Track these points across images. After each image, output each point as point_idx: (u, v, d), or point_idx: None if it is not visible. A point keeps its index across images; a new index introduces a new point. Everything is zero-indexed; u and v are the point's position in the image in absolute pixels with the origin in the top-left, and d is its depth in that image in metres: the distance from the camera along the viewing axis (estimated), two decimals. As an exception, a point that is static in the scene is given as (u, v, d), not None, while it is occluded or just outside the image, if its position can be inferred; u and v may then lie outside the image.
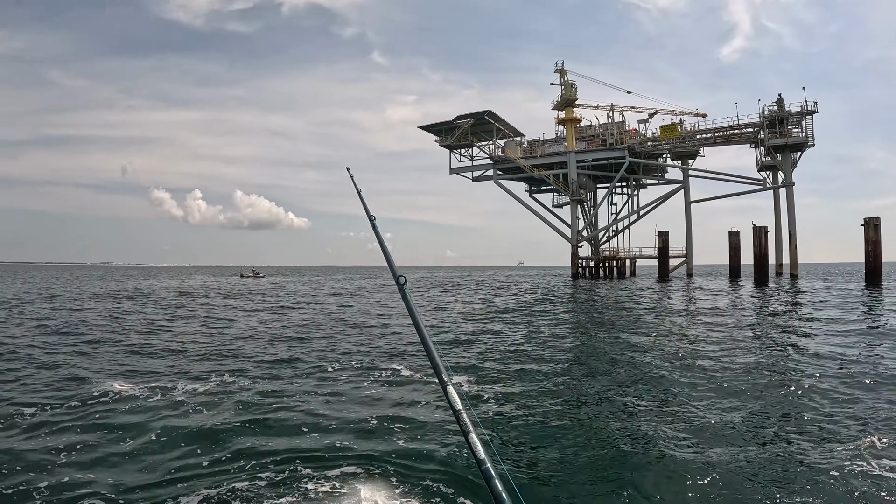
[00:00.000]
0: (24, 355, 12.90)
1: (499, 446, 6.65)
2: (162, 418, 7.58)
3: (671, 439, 6.73)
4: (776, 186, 56.32)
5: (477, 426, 1.82)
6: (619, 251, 66.77)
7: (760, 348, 14.01)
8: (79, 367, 11.43)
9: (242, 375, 10.65)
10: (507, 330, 18.63)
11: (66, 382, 9.94)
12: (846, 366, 11.19)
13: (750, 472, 5.70)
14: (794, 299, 30.11)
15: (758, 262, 50.22)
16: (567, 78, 62.21)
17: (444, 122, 65.53)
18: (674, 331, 17.64)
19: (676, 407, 8.29)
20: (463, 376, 10.45)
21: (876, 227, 41.35)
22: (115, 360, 12.50)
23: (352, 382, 10.15)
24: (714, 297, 32.70)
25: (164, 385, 9.59)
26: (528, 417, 7.85)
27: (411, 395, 9.09)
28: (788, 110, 53.21)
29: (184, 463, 6.04)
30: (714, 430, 7.16)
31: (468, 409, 1.82)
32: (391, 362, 12.00)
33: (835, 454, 6.12)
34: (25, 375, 10.67)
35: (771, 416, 7.85)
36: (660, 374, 10.61)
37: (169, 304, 29.69)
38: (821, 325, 18.33)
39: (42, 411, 8.02)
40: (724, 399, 8.70)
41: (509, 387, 9.77)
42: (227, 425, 7.26)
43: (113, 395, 8.89)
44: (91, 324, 19.90)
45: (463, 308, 27.48)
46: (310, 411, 8.09)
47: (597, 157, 61.98)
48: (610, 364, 12.06)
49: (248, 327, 19.42)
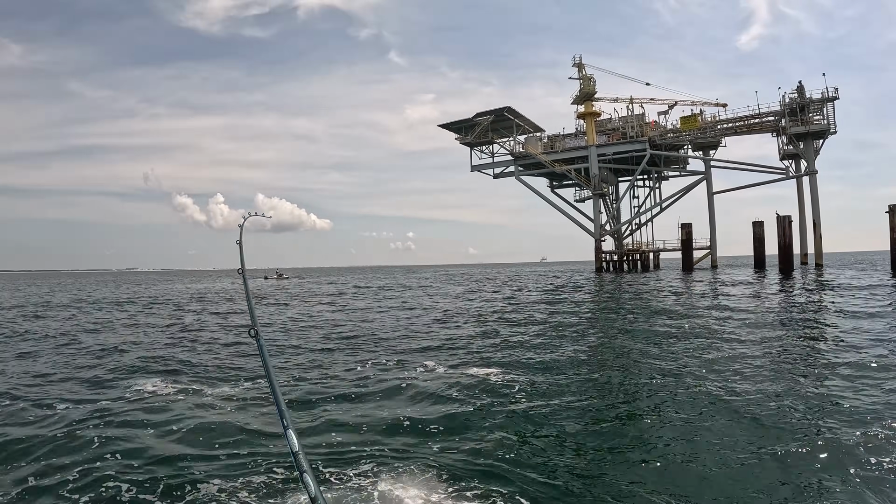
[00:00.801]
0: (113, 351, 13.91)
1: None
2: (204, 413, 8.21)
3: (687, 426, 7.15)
4: (799, 175, 56.10)
5: (312, 467, 2.13)
6: (642, 244, 66.94)
7: (785, 337, 14.22)
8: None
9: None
10: (536, 320, 19.34)
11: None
12: (871, 355, 11.41)
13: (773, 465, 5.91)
14: (820, 289, 30.25)
15: (782, 253, 50.15)
16: (585, 72, 62.39)
17: (463, 120, 65.99)
18: (698, 322, 17.82)
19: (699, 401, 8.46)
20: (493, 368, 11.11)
21: (901, 214, 41.18)
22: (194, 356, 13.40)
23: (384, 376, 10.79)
24: (738, 287, 32.92)
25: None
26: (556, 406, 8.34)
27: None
28: (809, 97, 52.88)
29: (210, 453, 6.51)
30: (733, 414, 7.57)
31: (304, 451, 2.04)
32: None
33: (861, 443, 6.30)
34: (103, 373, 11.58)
35: (796, 404, 8.13)
36: (685, 366, 10.91)
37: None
38: (845, 315, 18.43)
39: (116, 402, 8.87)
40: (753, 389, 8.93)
41: (537, 375, 10.48)
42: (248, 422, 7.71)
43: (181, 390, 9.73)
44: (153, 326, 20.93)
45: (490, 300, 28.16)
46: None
47: (617, 151, 62.11)
48: (636, 357, 12.47)
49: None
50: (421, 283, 58.10)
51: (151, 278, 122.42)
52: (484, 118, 63.58)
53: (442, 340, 15.34)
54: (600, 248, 63.89)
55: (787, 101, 53.76)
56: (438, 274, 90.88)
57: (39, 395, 9.52)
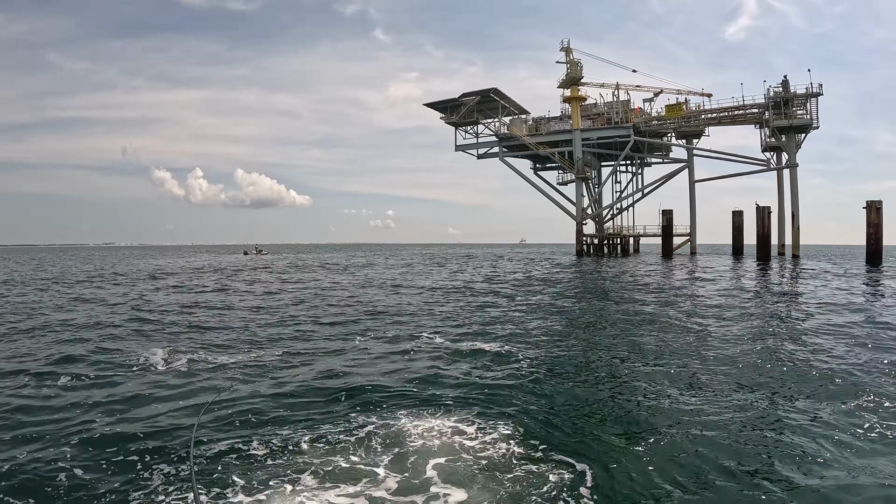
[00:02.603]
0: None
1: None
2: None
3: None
4: (780, 167, 56.63)
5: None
6: (623, 229, 67.34)
7: (755, 319, 14.62)
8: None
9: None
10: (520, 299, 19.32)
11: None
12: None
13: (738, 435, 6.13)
14: (794, 276, 30.69)
15: (760, 242, 50.69)
16: (572, 56, 62.08)
17: (449, 100, 65.48)
18: (675, 307, 17.94)
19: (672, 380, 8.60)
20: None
21: (878, 210, 41.73)
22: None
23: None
24: (716, 274, 33.37)
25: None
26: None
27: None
28: (793, 92, 53.17)
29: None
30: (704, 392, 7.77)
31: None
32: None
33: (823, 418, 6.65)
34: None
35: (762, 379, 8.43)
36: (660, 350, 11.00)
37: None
38: (815, 301, 18.78)
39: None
40: (720, 369, 9.09)
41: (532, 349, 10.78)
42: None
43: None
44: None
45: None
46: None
47: (602, 136, 62.13)
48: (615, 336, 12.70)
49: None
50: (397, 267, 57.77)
51: (136, 253, 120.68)
52: (470, 99, 63.12)
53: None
54: (582, 232, 64.16)
55: (772, 94, 54.02)
56: (415, 255, 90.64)
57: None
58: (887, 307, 16.78)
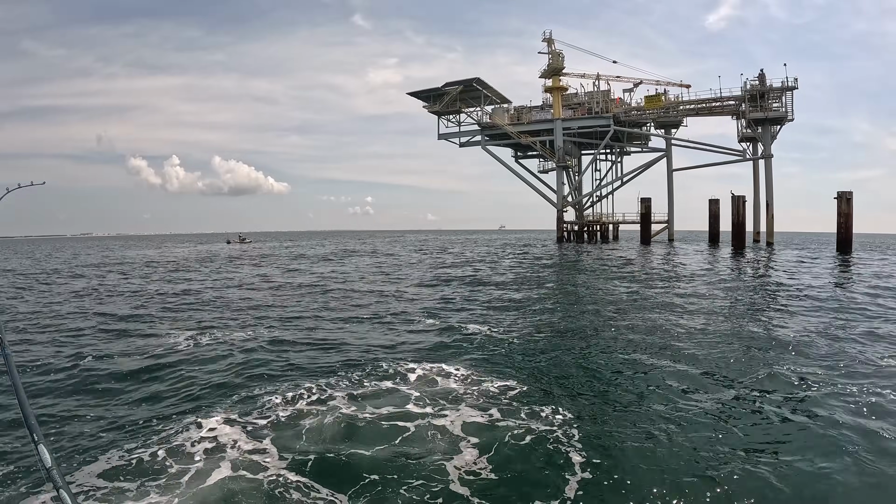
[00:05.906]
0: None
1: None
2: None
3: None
4: (755, 158, 57.96)
5: (67, 483, 1.94)
6: (602, 216, 68.37)
7: (724, 305, 15.40)
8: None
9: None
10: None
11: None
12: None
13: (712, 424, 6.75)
14: (767, 263, 32.00)
15: (735, 230, 52.05)
16: (554, 47, 62.79)
17: (432, 89, 65.77)
18: (651, 292, 18.64)
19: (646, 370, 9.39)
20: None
21: (848, 200, 43.16)
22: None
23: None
24: (691, 261, 34.76)
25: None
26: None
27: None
28: (770, 85, 54.32)
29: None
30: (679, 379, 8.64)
31: (59, 465, 1.94)
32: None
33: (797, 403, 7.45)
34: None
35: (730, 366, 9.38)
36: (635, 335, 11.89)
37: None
38: (785, 287, 19.85)
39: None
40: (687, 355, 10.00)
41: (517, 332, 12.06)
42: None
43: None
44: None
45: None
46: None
47: (582, 125, 62.99)
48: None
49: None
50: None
51: (119, 244, 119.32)
52: (453, 88, 63.52)
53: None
54: (562, 219, 65.22)
55: (749, 87, 55.19)
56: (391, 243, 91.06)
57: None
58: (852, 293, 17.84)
